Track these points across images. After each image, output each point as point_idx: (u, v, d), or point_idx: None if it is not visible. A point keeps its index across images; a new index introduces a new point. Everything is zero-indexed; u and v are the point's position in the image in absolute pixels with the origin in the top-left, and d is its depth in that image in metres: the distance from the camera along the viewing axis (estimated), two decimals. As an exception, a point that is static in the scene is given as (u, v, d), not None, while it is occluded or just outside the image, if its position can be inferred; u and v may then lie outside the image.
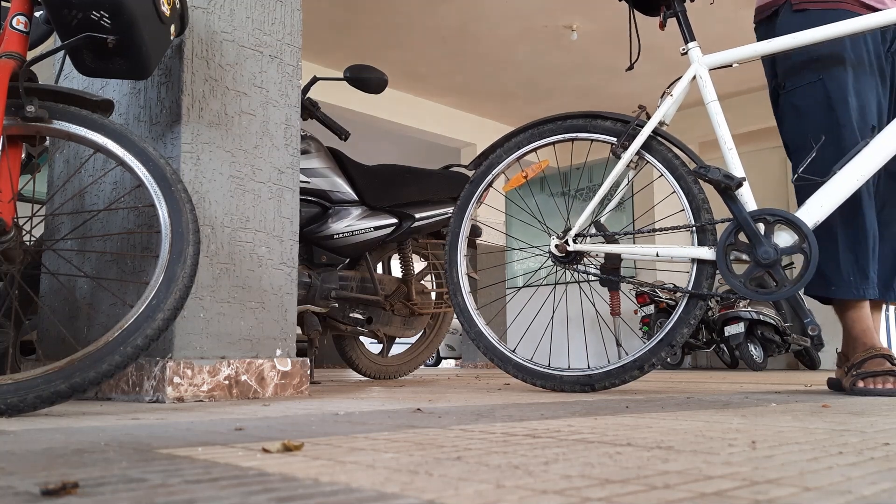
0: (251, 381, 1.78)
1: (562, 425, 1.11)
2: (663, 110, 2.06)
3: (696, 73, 2.05)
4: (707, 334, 7.28)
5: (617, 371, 2.00)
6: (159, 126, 1.82)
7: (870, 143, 1.86)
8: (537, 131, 2.23)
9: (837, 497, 0.56)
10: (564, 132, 2.18)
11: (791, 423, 1.15)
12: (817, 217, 1.86)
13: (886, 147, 1.84)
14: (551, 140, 2.21)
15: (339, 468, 0.69)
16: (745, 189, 1.92)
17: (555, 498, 0.55)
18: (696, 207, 1.98)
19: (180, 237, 1.45)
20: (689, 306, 1.96)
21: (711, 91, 2.02)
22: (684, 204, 2.00)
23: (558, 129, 2.19)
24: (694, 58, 2.06)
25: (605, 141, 2.12)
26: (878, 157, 1.84)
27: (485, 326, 2.24)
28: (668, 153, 2.04)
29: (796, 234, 1.84)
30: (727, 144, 1.97)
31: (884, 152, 1.84)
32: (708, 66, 2.04)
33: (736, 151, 1.96)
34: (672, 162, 2.03)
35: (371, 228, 3.04)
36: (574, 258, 2.14)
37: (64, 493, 0.56)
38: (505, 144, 2.28)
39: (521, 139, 2.25)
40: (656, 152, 2.05)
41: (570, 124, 2.17)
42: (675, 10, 2.09)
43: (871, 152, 1.85)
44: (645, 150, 2.06)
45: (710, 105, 2.01)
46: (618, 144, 2.07)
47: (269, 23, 2.00)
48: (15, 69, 1.46)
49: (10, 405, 1.24)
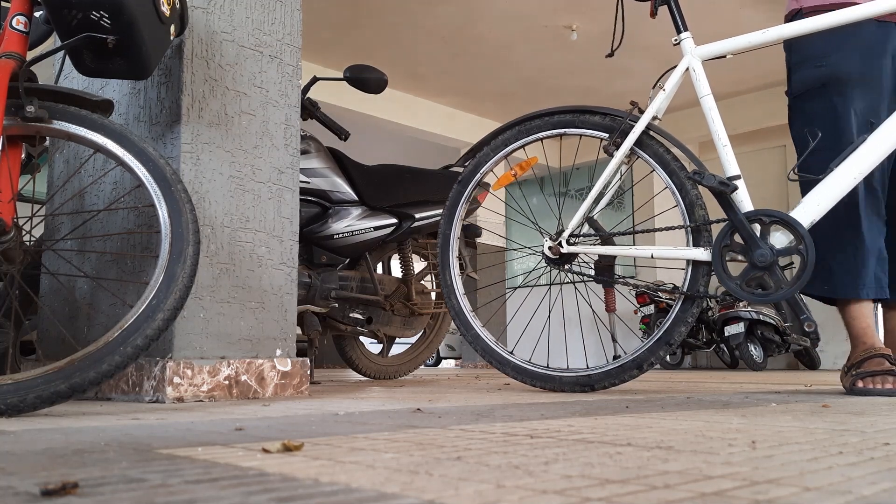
0: (251, 381, 1.78)
1: (562, 425, 1.11)
2: (656, 105, 2.03)
3: (689, 65, 2.00)
4: (707, 334, 7.27)
5: (616, 371, 1.99)
6: (159, 126, 1.82)
7: (867, 139, 1.85)
8: (524, 128, 2.19)
9: (837, 497, 0.56)
10: (552, 128, 2.15)
11: (791, 423, 1.15)
12: (814, 216, 1.85)
13: (883, 144, 1.83)
14: (539, 136, 2.17)
15: (339, 468, 0.69)
16: (741, 189, 1.90)
17: (555, 498, 0.55)
18: (690, 204, 1.96)
19: (180, 237, 1.45)
20: (686, 306, 1.95)
21: (705, 84, 1.98)
22: (678, 201, 1.98)
23: (546, 125, 2.16)
24: (686, 49, 2.01)
25: (595, 136, 2.09)
26: (875, 154, 1.83)
27: (481, 328, 2.23)
28: (659, 148, 2.01)
29: (792, 234, 1.83)
30: (721, 140, 1.94)
31: (880, 149, 1.83)
32: (701, 58, 1.99)
33: (731, 148, 1.94)
34: (664, 157, 2.00)
35: (371, 228, 3.04)
36: (568, 259, 2.13)
37: (64, 494, 0.56)
38: (492, 142, 2.24)
39: (507, 136, 2.22)
40: (648, 148, 2.02)
41: (558, 119, 2.14)
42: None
43: (867, 149, 1.84)
44: (637, 146, 2.03)
45: (703, 99, 1.97)
46: (609, 142, 2.03)
47: (268, 23, 2.00)
48: (15, 69, 1.46)
49: (10, 405, 1.24)
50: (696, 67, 1.99)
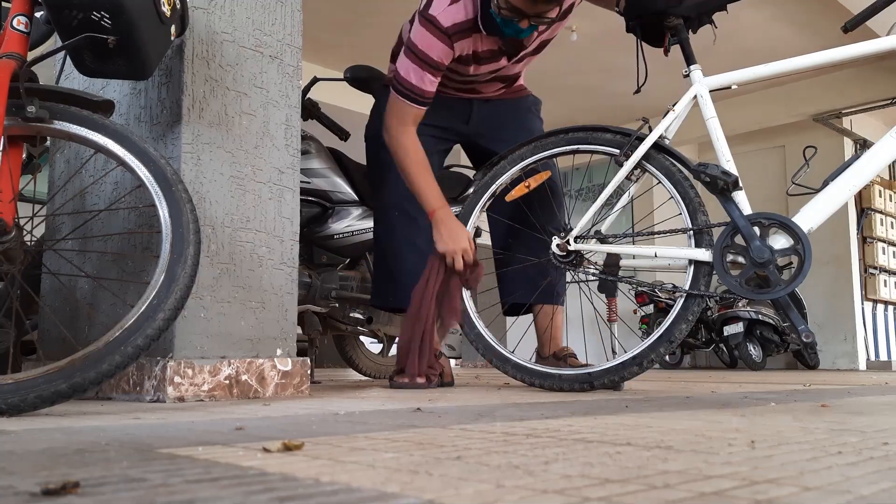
0: (252, 380, 1.78)
1: (562, 425, 1.11)
2: (665, 124, 2.15)
3: (697, 93, 2.15)
4: (706, 334, 7.28)
5: (616, 368, 2.02)
6: (160, 126, 1.83)
7: (861, 156, 1.96)
8: (540, 144, 2.31)
9: (837, 497, 0.56)
10: (566, 144, 2.27)
11: (790, 423, 1.15)
12: (812, 223, 1.93)
13: (875, 161, 1.93)
14: (553, 152, 2.29)
15: (339, 468, 0.69)
16: (741, 194, 1.99)
17: (555, 498, 0.55)
18: (693, 210, 2.05)
19: (181, 237, 1.45)
20: (687, 304, 2.00)
21: (711, 109, 2.12)
22: (682, 209, 2.07)
23: (560, 142, 2.28)
24: (696, 79, 2.16)
25: (606, 153, 2.21)
26: (868, 170, 1.93)
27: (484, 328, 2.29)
28: (665, 161, 2.12)
29: (791, 237, 1.90)
30: (725, 157, 2.06)
31: (873, 165, 1.93)
32: (709, 87, 2.14)
33: (734, 163, 2.05)
34: (670, 169, 2.11)
35: (371, 228, 3.04)
36: (574, 259, 2.20)
37: (65, 493, 0.56)
38: (509, 156, 2.35)
39: (524, 151, 2.33)
40: (655, 161, 2.13)
41: (572, 136, 2.25)
42: (679, 38, 2.19)
43: (861, 165, 1.94)
44: (645, 160, 2.14)
45: (709, 121, 2.11)
46: (620, 155, 2.15)
47: (269, 23, 2.00)
48: (15, 69, 1.46)
49: (11, 405, 1.24)
50: (704, 94, 2.14)
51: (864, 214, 7.87)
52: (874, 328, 8.01)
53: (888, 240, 8.12)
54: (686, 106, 2.16)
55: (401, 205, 2.47)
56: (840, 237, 7.58)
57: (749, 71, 2.08)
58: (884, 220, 8.08)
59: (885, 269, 8.03)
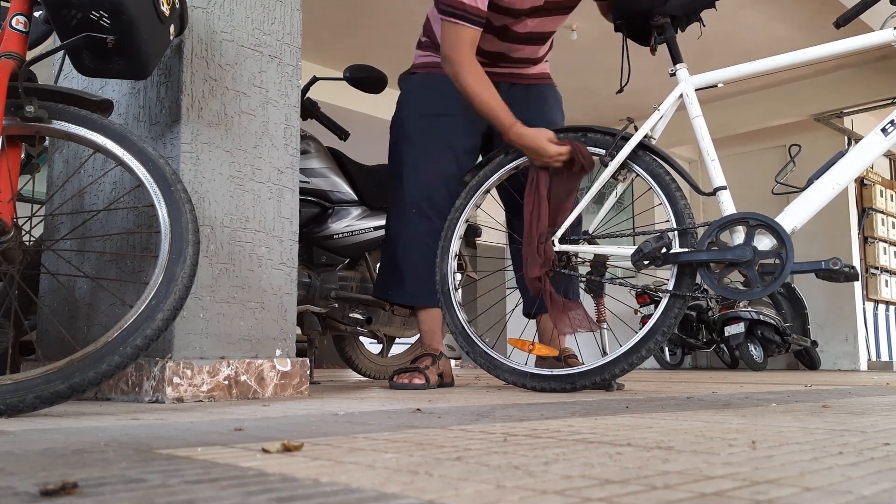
0: (251, 381, 1.78)
1: (562, 425, 1.11)
2: (650, 124, 2.15)
3: (683, 92, 2.15)
4: (707, 334, 7.27)
5: (602, 368, 2.03)
6: (159, 126, 1.82)
7: (845, 154, 1.95)
8: None
9: (837, 497, 0.56)
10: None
11: (791, 424, 1.15)
12: (795, 223, 1.93)
13: (860, 159, 1.92)
14: None
15: (338, 468, 0.69)
16: (726, 195, 2.00)
17: (555, 498, 0.55)
18: (678, 213, 2.05)
19: (180, 237, 1.45)
20: (671, 304, 2.00)
21: (697, 108, 2.13)
22: (666, 208, 2.08)
23: None
24: (681, 78, 2.17)
25: (595, 153, 2.20)
26: (852, 169, 1.93)
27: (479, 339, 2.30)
28: (652, 163, 2.13)
29: (774, 238, 1.90)
30: (710, 156, 2.07)
31: (857, 164, 1.93)
32: (694, 86, 2.14)
33: (718, 162, 2.05)
34: (656, 171, 2.11)
35: (371, 228, 3.03)
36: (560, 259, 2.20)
37: (63, 494, 0.56)
38: (500, 157, 2.34)
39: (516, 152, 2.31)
40: (641, 162, 2.13)
41: (563, 137, 2.23)
42: (665, 36, 2.20)
43: (846, 164, 1.93)
44: (631, 161, 2.14)
45: (694, 120, 2.11)
46: (606, 155, 2.15)
47: (268, 23, 2.00)
48: (14, 69, 1.45)
49: (10, 405, 1.23)
50: (690, 93, 2.15)
51: (865, 214, 7.87)
52: (875, 328, 8.01)
53: (889, 240, 8.13)
54: (672, 105, 2.16)
55: (419, 204, 2.46)
56: (841, 237, 7.57)
57: (734, 69, 2.08)
58: (885, 220, 8.08)
59: (886, 269, 8.03)
